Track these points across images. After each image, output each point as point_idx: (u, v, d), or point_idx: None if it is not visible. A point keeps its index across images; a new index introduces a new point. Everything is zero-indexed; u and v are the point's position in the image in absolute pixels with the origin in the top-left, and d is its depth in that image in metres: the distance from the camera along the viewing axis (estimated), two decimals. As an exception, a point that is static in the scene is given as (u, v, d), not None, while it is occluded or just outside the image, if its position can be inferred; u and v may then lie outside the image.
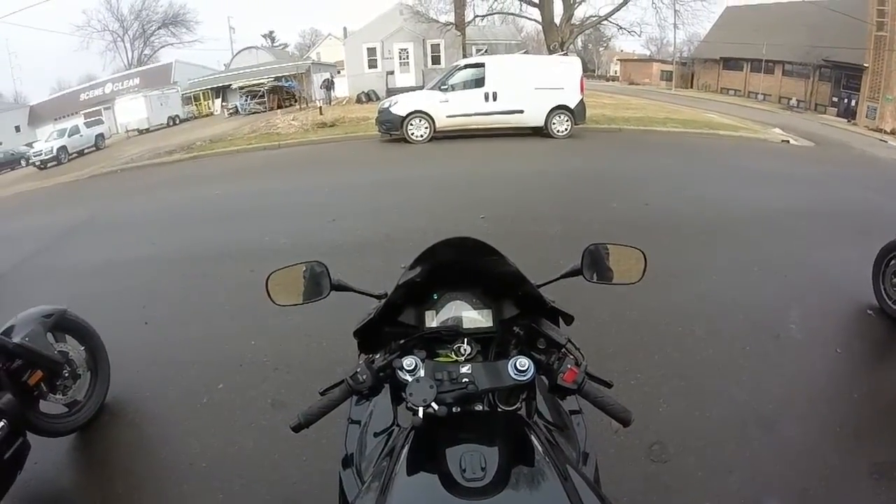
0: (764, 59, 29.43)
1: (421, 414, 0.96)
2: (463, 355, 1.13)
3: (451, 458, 0.89)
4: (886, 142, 18.43)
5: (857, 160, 12.92)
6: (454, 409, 1.04)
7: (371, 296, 1.34)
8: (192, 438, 2.63)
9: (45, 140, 20.38)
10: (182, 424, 2.75)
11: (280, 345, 3.39)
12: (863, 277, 3.79)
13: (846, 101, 25.36)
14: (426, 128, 11.78)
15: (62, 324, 2.69)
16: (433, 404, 0.98)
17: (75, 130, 20.81)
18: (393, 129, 11.90)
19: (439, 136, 11.83)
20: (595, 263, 1.31)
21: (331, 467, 1.32)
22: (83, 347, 2.77)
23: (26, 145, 22.95)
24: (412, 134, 11.75)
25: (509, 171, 8.68)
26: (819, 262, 4.60)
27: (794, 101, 28.07)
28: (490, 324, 1.18)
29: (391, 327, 1.19)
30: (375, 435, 1.26)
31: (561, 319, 1.20)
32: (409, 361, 1.06)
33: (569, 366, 1.07)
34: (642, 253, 1.29)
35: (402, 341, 1.14)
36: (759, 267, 4.55)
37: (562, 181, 8.16)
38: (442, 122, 11.82)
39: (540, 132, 12.04)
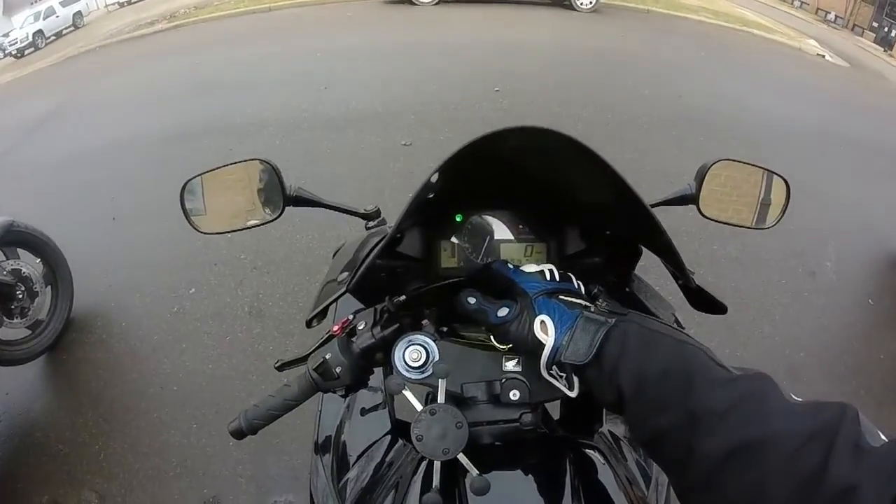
0: (810, -40, 25.49)
1: (438, 468, 0.52)
2: None
3: None
4: (922, 80, 15.89)
5: (894, 93, 11.01)
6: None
7: (350, 212, 0.88)
8: (162, 357, 2.32)
9: (20, 27, 18.93)
10: (151, 340, 2.43)
11: (259, 239, 2.91)
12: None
13: (886, 29, 22.64)
14: (435, -13, 10.18)
15: (10, 237, 2.30)
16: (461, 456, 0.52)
17: (51, 12, 19.25)
18: (397, -12, 10.28)
19: (449, 0, 10.30)
20: None
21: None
22: (39, 260, 2.43)
23: (2, 36, 21.34)
24: (419, -7, 10.23)
25: (527, 44, 7.54)
26: (859, 200, 4.06)
27: (831, 16, 25.29)
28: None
29: (386, 260, 0.72)
30: (363, 413, 0.85)
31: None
32: (415, 354, 0.59)
33: None
34: (786, 183, 0.87)
35: (401, 298, 0.65)
36: (801, 193, 3.74)
37: (586, 60, 7.07)
38: (453, -18, 10.13)
39: (561, 3, 10.39)
